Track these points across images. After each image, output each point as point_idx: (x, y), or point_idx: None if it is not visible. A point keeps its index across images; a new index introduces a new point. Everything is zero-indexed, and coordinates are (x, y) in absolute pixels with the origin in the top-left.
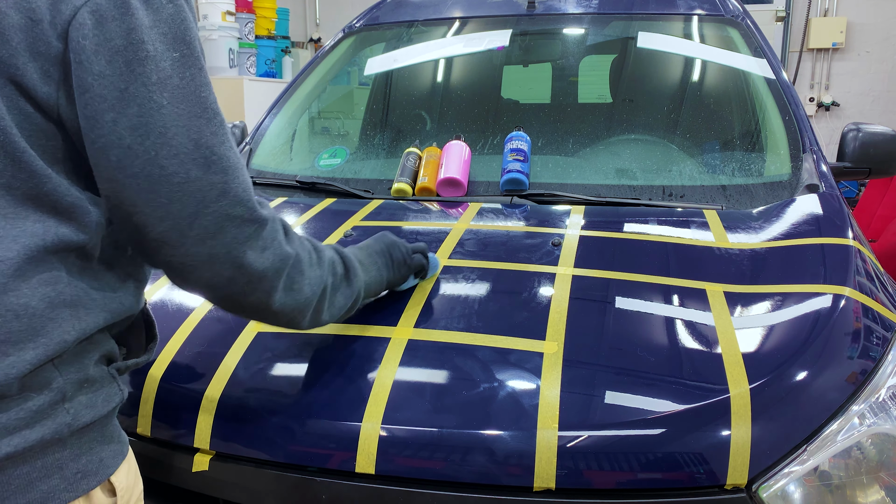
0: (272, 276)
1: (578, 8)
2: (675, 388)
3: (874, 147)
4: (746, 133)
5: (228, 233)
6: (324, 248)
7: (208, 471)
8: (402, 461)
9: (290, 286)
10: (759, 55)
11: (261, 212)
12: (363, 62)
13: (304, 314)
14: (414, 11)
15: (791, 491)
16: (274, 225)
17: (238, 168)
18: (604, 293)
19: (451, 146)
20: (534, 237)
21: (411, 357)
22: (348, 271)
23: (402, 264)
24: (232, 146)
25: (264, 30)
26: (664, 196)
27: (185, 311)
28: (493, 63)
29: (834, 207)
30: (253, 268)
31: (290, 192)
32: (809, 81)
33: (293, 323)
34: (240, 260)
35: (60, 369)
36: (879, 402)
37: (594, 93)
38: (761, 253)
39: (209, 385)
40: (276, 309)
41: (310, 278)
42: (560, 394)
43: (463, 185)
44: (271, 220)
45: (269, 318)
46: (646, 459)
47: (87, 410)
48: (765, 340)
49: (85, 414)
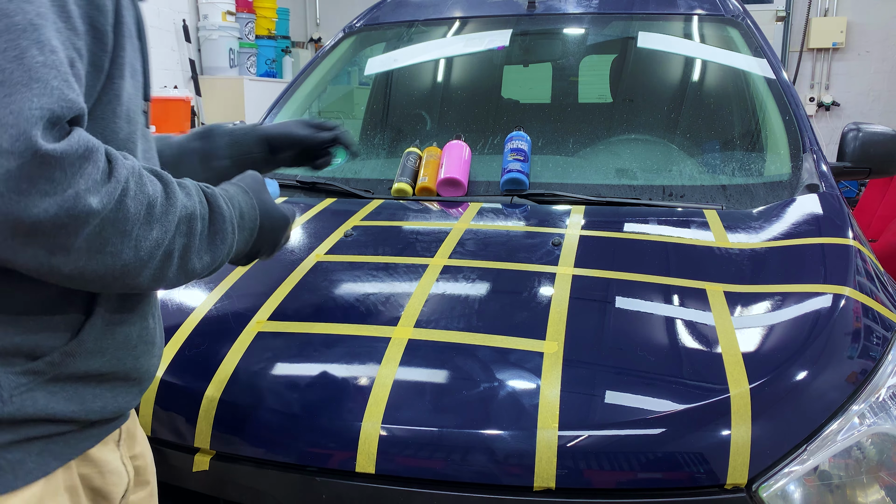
0: (52, 232)
1: (578, 8)
2: (675, 388)
3: (874, 147)
4: (746, 133)
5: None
6: (182, 202)
7: (208, 471)
8: (402, 461)
9: (97, 248)
10: (759, 55)
11: (42, 145)
12: (363, 62)
13: (123, 279)
14: (414, 11)
15: (791, 491)
16: (79, 169)
17: (13, 83)
18: (604, 293)
19: (451, 146)
20: (534, 237)
21: (411, 357)
22: (215, 233)
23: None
24: (20, 57)
25: (264, 30)
26: (664, 196)
27: (185, 311)
28: (494, 63)
29: (834, 207)
30: (15, 216)
31: (291, 191)
32: (809, 81)
33: (108, 287)
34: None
35: None
36: (879, 401)
37: (594, 93)
38: (761, 253)
39: (209, 385)
40: (68, 272)
41: (138, 240)
42: (560, 393)
43: (463, 185)
44: (76, 161)
45: (64, 281)
46: (646, 459)
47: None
48: (765, 340)
49: None
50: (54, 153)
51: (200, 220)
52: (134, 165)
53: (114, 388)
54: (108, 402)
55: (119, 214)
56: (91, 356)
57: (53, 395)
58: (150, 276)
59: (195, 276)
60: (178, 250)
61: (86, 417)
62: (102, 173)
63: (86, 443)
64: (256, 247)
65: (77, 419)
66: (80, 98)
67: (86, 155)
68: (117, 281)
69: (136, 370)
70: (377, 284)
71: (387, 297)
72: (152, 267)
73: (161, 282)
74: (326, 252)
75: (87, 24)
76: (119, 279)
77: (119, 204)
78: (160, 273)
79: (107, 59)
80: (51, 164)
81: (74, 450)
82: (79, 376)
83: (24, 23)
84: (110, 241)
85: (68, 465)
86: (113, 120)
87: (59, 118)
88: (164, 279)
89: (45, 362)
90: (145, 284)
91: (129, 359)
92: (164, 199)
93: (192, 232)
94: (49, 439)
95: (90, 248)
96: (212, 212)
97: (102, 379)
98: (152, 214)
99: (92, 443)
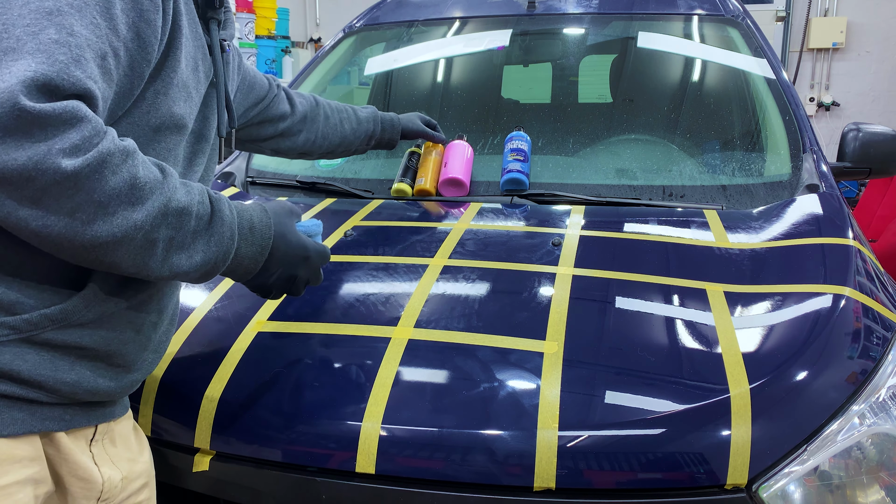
0: (19, 182)
1: (578, 8)
2: (675, 388)
3: (874, 147)
4: (746, 133)
5: None
6: (176, 196)
7: (208, 471)
8: (402, 461)
9: (67, 210)
10: (759, 55)
11: (23, 101)
12: (363, 62)
13: (96, 253)
14: (414, 11)
15: (791, 491)
16: (58, 130)
17: (21, 51)
18: (604, 293)
19: (453, 146)
20: (534, 237)
21: (411, 357)
22: (211, 235)
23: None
24: (36, 33)
25: (264, 30)
26: (664, 196)
27: (185, 311)
28: (494, 63)
29: (834, 207)
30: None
31: (291, 192)
32: (809, 81)
33: (83, 259)
34: None
35: None
36: (879, 402)
37: (594, 93)
38: (761, 253)
39: (209, 385)
40: (35, 228)
41: (115, 216)
42: (560, 394)
43: (465, 185)
44: (56, 122)
45: (33, 238)
46: (646, 459)
47: None
48: (765, 340)
49: None
50: (32, 110)
51: (195, 218)
52: (126, 146)
53: (95, 367)
54: (86, 379)
55: (95, 184)
56: (73, 329)
57: (22, 356)
58: (128, 260)
59: (183, 275)
60: (164, 241)
61: (54, 387)
62: (84, 140)
63: (52, 422)
64: (269, 270)
65: (45, 385)
66: (89, 81)
67: (69, 121)
68: (91, 253)
69: (121, 355)
70: (377, 284)
71: (387, 297)
72: (131, 250)
73: (143, 269)
74: None
75: (133, 32)
76: (92, 252)
77: (96, 173)
78: (140, 259)
79: (147, 70)
80: (28, 120)
81: (38, 423)
82: (56, 345)
83: (53, 8)
84: (82, 208)
85: (33, 439)
86: (141, 127)
87: (55, 87)
88: (145, 267)
89: (22, 320)
90: (123, 266)
91: (113, 342)
92: (156, 186)
93: (181, 226)
94: (10, 401)
95: (60, 208)
96: (212, 214)
97: (83, 354)
98: (137, 195)
99: (59, 425)
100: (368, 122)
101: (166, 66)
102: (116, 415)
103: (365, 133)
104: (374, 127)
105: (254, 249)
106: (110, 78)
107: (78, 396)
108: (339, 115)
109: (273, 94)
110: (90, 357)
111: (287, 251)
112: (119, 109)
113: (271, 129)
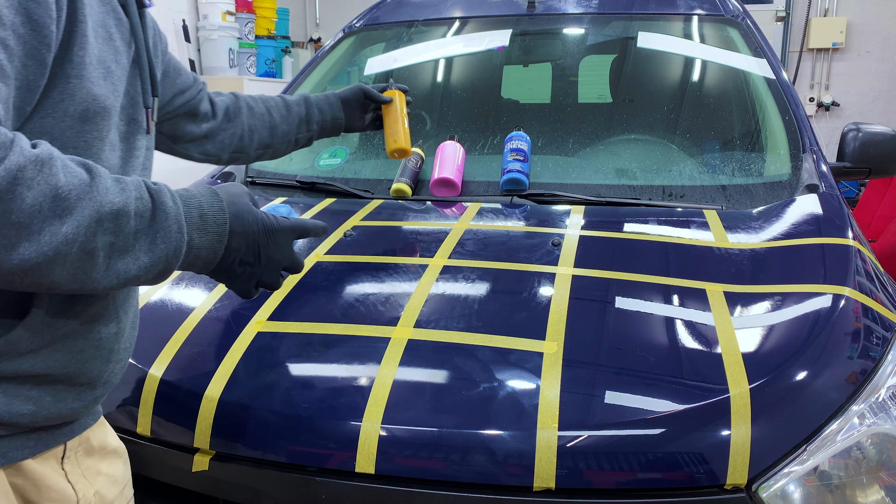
0: None
1: (578, 8)
2: (675, 388)
3: (874, 147)
4: (746, 133)
5: None
6: (109, 198)
7: (208, 471)
8: (402, 461)
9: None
10: (759, 55)
11: None
12: (363, 62)
13: (32, 277)
14: (414, 11)
15: (791, 491)
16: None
17: None
18: (604, 293)
19: (445, 146)
20: (534, 237)
21: (411, 357)
22: (156, 232)
23: None
24: None
25: (264, 30)
26: (664, 196)
27: (185, 311)
28: (493, 63)
29: (834, 207)
30: None
31: (290, 192)
32: (809, 81)
33: (19, 284)
34: None
35: None
36: (879, 401)
37: (594, 93)
38: (761, 253)
39: (209, 385)
40: None
41: (41, 233)
42: (560, 394)
43: (457, 186)
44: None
45: None
46: (646, 459)
47: None
48: (765, 340)
49: None
50: None
51: (135, 217)
52: (39, 154)
53: (55, 392)
54: (45, 406)
55: (9, 205)
56: (23, 357)
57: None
58: (67, 276)
59: (133, 280)
60: (103, 248)
61: (10, 421)
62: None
63: (15, 452)
64: (232, 257)
65: (0, 420)
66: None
67: None
68: (23, 278)
69: (83, 375)
70: (377, 285)
71: (386, 297)
72: (68, 266)
73: (87, 283)
74: (326, 252)
75: (22, 16)
76: (25, 276)
77: (8, 193)
78: (81, 273)
79: (49, 55)
80: None
81: (1, 457)
82: (7, 377)
83: None
84: (1, 233)
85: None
86: (63, 119)
87: None
88: (89, 280)
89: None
90: (64, 285)
91: (72, 363)
92: (83, 191)
93: (120, 229)
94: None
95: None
96: (154, 208)
97: (40, 381)
98: (61, 206)
99: (23, 454)
100: (299, 105)
101: (72, 44)
102: (87, 425)
103: (298, 118)
104: (306, 109)
105: (209, 238)
106: (4, 74)
107: (39, 424)
108: (265, 105)
109: (199, 88)
110: (48, 382)
111: (247, 231)
112: (27, 105)
113: (195, 128)
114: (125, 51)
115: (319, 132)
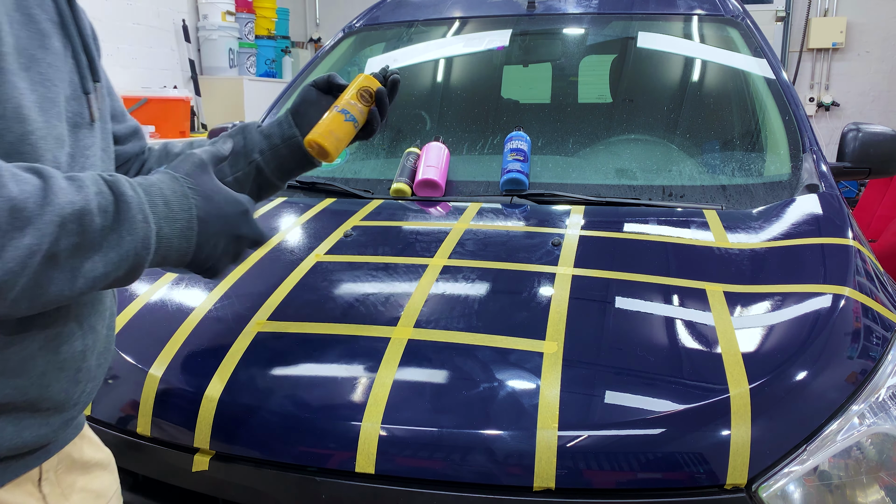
0: None
1: (578, 8)
2: (675, 388)
3: (874, 147)
4: (746, 133)
5: None
6: (68, 199)
7: (208, 471)
8: (401, 461)
9: None
10: (759, 55)
11: None
12: (363, 62)
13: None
14: (414, 11)
15: (791, 491)
16: None
17: None
18: (604, 293)
19: (430, 147)
20: (534, 237)
21: (411, 357)
22: (121, 224)
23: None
24: None
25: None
26: (664, 196)
27: (185, 311)
28: (493, 63)
29: (834, 207)
30: None
31: (290, 191)
32: (809, 81)
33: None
34: None
35: None
36: (879, 401)
37: (594, 93)
38: (761, 253)
39: (209, 385)
40: None
41: (4, 249)
42: (560, 394)
43: (440, 186)
44: None
45: None
46: (646, 459)
47: None
48: (765, 340)
49: None
50: None
51: (100, 214)
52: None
53: (17, 420)
54: (7, 436)
55: None
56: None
57: None
58: (30, 288)
59: (102, 279)
60: (66, 251)
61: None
62: None
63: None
64: (205, 239)
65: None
66: None
67: None
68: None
69: (47, 399)
70: (377, 284)
71: (386, 297)
72: (31, 276)
73: (50, 292)
74: (326, 252)
75: None
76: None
77: None
78: (46, 281)
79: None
80: None
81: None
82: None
83: None
84: None
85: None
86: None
87: None
88: (55, 287)
89: None
90: (27, 301)
91: (33, 388)
92: (40, 199)
93: (84, 230)
94: None
95: None
96: (116, 200)
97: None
98: (20, 218)
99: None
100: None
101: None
102: (66, 441)
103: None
104: (243, 141)
105: (178, 226)
106: None
107: (3, 454)
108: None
109: (135, 151)
110: (7, 411)
111: (217, 212)
112: None
113: None
114: (55, 33)
115: (270, 162)
